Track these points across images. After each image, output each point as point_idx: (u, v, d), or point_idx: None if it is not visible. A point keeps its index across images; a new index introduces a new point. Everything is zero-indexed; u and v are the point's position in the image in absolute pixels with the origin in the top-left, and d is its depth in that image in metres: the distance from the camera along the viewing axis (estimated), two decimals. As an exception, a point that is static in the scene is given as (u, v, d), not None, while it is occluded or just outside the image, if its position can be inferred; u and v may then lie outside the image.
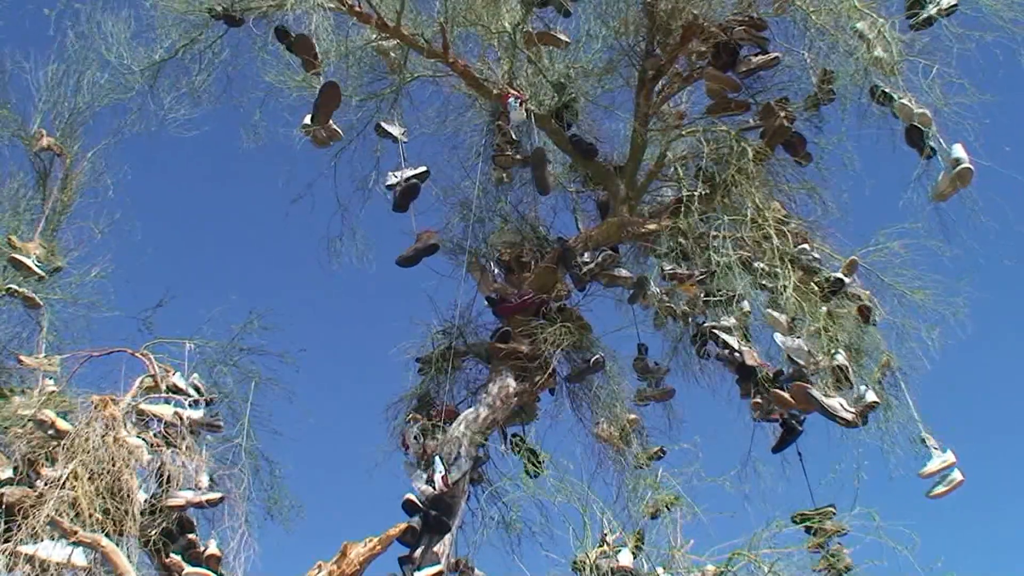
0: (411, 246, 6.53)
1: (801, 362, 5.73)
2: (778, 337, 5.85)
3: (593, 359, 6.61)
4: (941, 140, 5.70)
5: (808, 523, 5.65)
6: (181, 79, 7.50)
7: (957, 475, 5.53)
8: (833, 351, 5.76)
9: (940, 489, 5.53)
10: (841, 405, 5.55)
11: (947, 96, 5.76)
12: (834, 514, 5.65)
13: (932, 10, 5.89)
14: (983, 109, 5.68)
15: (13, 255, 6.72)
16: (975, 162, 5.58)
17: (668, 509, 5.56)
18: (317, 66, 6.22)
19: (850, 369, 5.74)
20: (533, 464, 6.12)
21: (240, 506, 5.79)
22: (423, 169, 6.79)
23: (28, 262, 6.70)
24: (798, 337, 5.78)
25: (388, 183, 6.73)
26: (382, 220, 6.87)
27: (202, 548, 5.68)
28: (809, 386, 5.61)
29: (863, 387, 5.66)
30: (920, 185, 5.81)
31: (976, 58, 5.81)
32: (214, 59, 7.42)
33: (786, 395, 5.77)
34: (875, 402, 5.60)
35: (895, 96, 5.86)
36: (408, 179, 6.66)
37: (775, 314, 5.85)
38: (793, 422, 6.17)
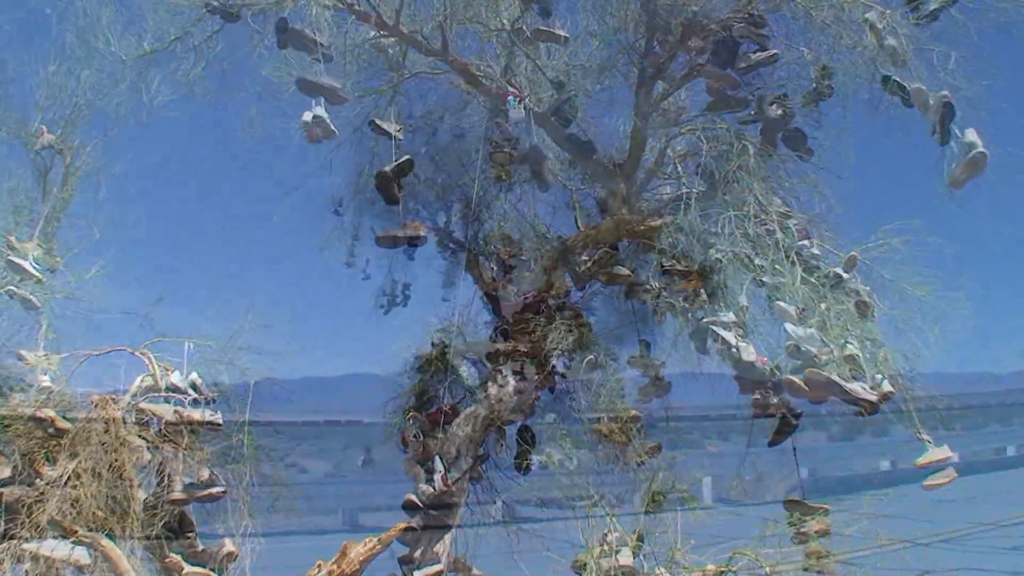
0: (398, 227, 6.54)
1: (813, 350, 5.68)
2: (789, 327, 5.81)
3: (586, 359, 6.59)
4: (955, 127, 5.70)
5: (793, 520, 5.62)
6: (175, 69, 7.44)
7: (952, 471, 5.54)
8: (844, 340, 5.75)
9: (933, 481, 5.54)
10: (863, 388, 5.51)
11: (962, 81, 5.75)
12: (828, 511, 5.60)
13: (934, 3, 5.89)
14: (999, 94, 5.72)
15: (11, 257, 6.69)
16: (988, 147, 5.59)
17: (662, 500, 5.55)
18: (317, 50, 6.18)
19: (861, 358, 5.72)
20: (525, 462, 6.13)
21: (243, 499, 5.79)
22: (405, 158, 6.72)
23: (26, 264, 6.66)
24: (809, 327, 5.76)
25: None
26: (381, 217, 6.85)
27: (218, 547, 5.69)
28: (825, 372, 5.56)
29: (878, 376, 5.63)
30: (937, 173, 5.82)
31: (987, 45, 5.84)
32: (209, 53, 7.37)
33: (800, 383, 5.67)
34: (891, 392, 5.58)
35: (907, 84, 5.85)
36: (385, 170, 6.61)
37: (784, 305, 5.81)
38: (789, 416, 6.16)
